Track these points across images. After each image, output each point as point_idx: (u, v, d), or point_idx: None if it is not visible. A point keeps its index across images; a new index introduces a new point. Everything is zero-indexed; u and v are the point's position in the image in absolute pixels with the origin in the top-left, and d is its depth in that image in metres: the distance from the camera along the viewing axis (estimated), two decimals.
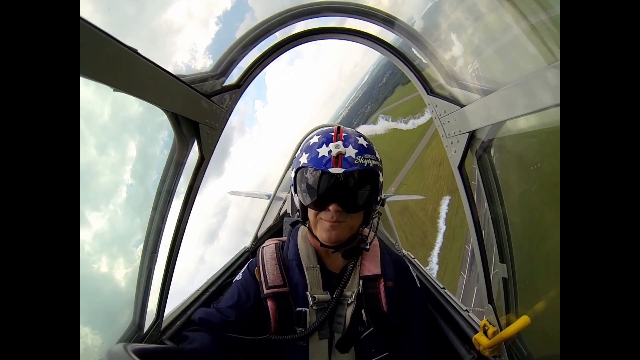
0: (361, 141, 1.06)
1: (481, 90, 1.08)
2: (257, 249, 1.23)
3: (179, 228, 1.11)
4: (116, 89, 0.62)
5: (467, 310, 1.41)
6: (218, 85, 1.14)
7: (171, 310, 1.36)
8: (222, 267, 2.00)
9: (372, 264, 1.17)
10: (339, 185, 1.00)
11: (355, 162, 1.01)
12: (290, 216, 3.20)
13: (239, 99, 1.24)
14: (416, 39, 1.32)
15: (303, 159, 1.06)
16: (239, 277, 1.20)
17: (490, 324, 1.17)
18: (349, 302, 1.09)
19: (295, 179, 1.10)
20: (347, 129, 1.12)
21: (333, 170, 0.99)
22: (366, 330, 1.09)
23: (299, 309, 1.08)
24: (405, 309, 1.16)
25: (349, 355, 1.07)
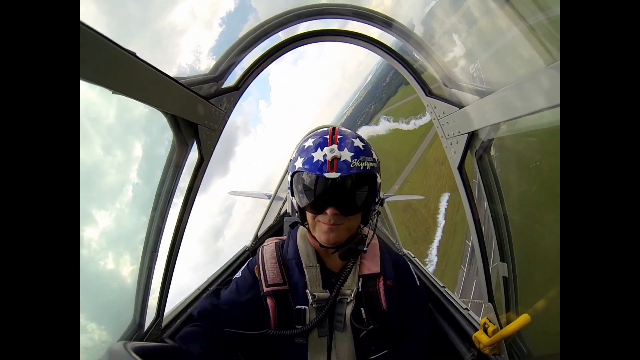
0: (357, 143, 1.04)
1: (480, 91, 1.08)
2: (257, 248, 1.24)
3: (178, 228, 1.12)
4: (115, 92, 0.63)
5: (467, 309, 1.41)
6: (217, 88, 1.15)
7: (171, 308, 1.37)
8: (222, 266, 2.01)
9: (371, 262, 1.18)
10: (336, 189, 0.99)
11: (352, 166, 0.99)
12: (290, 216, 3.20)
13: (237, 101, 1.25)
14: (415, 41, 1.32)
15: (298, 163, 1.04)
16: (238, 274, 1.21)
17: (490, 322, 1.18)
18: (348, 301, 1.10)
19: (291, 182, 1.09)
20: (343, 130, 1.11)
21: (329, 175, 0.98)
22: (366, 329, 1.09)
23: (298, 306, 1.09)
24: (405, 307, 1.16)
25: (348, 353, 1.08)
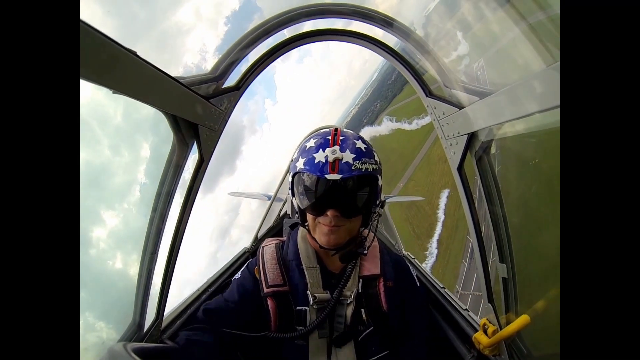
0: (359, 144, 1.04)
1: (480, 92, 1.08)
2: (257, 248, 1.24)
3: (178, 229, 1.11)
4: (115, 91, 0.63)
5: (466, 310, 1.41)
6: (217, 87, 1.15)
7: (171, 309, 1.37)
8: (222, 267, 2.01)
9: (371, 264, 1.18)
10: (337, 191, 0.99)
11: (353, 168, 0.99)
12: (290, 217, 3.20)
13: (238, 101, 1.25)
14: (415, 41, 1.32)
15: (299, 164, 1.04)
16: (238, 275, 1.21)
17: (490, 322, 1.17)
18: (348, 302, 1.09)
19: (292, 183, 1.09)
20: (345, 131, 1.10)
21: (330, 177, 0.97)
22: (366, 330, 1.09)
23: (299, 307, 1.08)
24: (405, 308, 1.16)
25: (349, 354, 1.07)
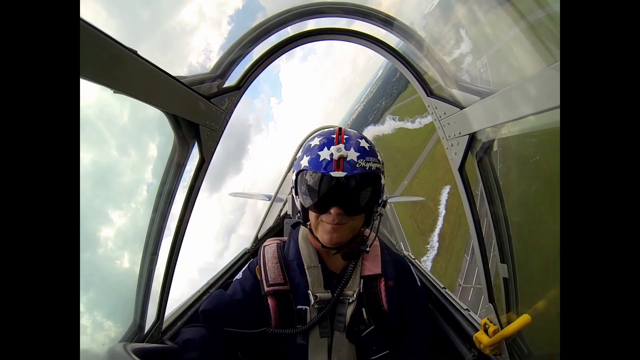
0: (363, 143, 1.06)
1: (481, 92, 1.08)
2: (258, 248, 1.24)
3: (179, 229, 1.11)
4: (116, 91, 0.63)
5: (467, 310, 1.41)
6: (218, 87, 1.14)
7: (172, 310, 1.37)
8: (223, 268, 2.01)
9: (372, 263, 1.18)
10: (341, 189, 1.00)
11: (357, 166, 1.00)
12: (290, 217, 3.20)
13: (238, 101, 1.24)
14: (416, 41, 1.32)
15: (304, 162, 1.05)
16: (239, 276, 1.21)
17: (490, 322, 1.17)
18: (350, 301, 1.09)
19: (296, 181, 1.09)
20: (349, 130, 1.12)
21: (334, 174, 0.99)
22: (367, 329, 1.09)
23: (299, 307, 1.08)
24: (406, 308, 1.16)
25: (349, 353, 1.07)
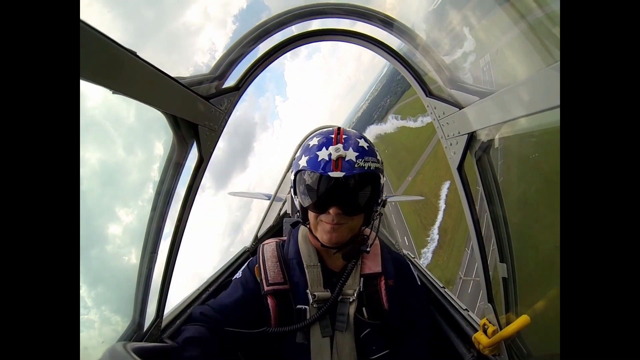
0: (362, 143, 1.05)
1: (480, 92, 1.08)
2: (258, 247, 1.24)
3: (178, 228, 1.11)
4: (115, 92, 0.63)
5: (466, 310, 1.41)
6: (217, 88, 1.15)
7: (171, 309, 1.37)
8: (222, 267, 2.01)
9: (372, 262, 1.18)
10: (340, 189, 1.00)
11: (356, 166, 1.00)
12: (290, 217, 3.20)
13: (238, 101, 1.25)
14: (415, 42, 1.32)
15: (302, 162, 1.05)
16: (238, 274, 1.21)
17: (490, 322, 1.17)
18: (350, 301, 1.09)
19: (294, 181, 1.09)
20: (348, 130, 1.11)
21: (333, 174, 0.99)
22: (367, 328, 1.09)
23: (299, 306, 1.08)
24: (406, 307, 1.16)
25: (350, 352, 1.07)
